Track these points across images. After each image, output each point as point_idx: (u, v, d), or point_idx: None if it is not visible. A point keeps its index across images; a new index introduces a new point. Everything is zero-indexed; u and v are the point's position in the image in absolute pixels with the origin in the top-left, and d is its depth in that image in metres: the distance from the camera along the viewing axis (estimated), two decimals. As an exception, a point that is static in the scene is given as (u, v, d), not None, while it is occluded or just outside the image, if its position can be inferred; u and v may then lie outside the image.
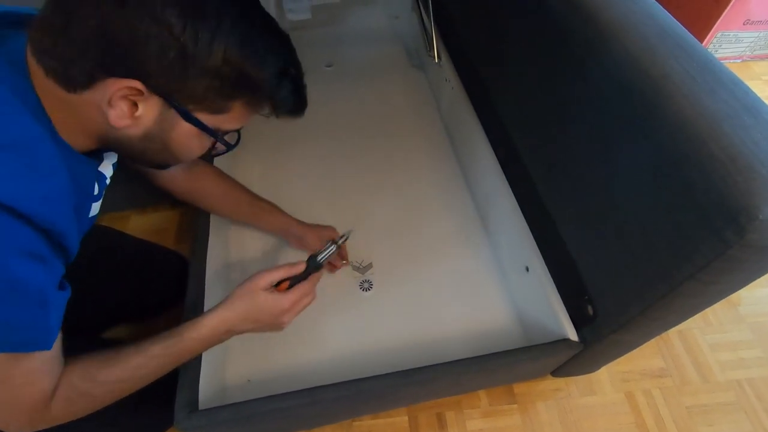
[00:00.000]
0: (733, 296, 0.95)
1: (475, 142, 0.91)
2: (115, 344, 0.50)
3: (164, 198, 1.06)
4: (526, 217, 0.77)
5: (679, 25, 0.51)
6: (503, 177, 0.83)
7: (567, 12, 0.57)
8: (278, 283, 0.59)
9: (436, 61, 1.06)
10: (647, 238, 0.50)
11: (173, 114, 0.40)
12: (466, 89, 0.98)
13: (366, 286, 0.84)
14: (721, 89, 0.44)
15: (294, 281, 0.59)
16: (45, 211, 0.38)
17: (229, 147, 0.46)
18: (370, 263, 0.86)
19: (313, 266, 0.61)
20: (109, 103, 0.38)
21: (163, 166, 0.48)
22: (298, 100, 0.45)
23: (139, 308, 0.84)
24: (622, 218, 0.54)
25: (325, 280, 0.82)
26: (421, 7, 1.13)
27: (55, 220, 0.39)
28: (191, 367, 0.62)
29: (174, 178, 0.73)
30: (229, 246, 0.86)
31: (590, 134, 0.58)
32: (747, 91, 0.44)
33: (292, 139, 1.04)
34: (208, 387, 0.64)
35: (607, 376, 0.85)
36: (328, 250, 0.63)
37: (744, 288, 0.99)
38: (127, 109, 0.39)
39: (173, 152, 0.44)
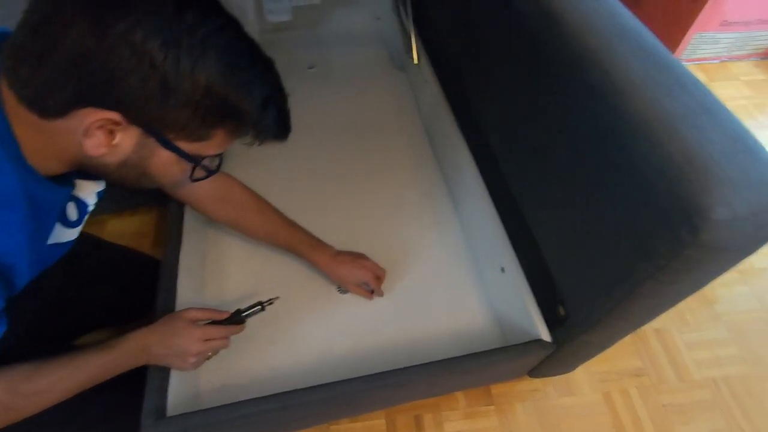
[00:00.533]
0: (710, 294, 0.97)
1: (453, 144, 0.91)
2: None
3: (142, 202, 1.06)
4: (502, 219, 0.77)
5: (642, 25, 0.52)
6: (480, 179, 0.83)
7: (533, 14, 0.58)
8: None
9: (415, 62, 1.06)
10: (612, 239, 0.50)
11: (152, 142, 0.39)
12: (444, 91, 0.98)
13: (343, 288, 0.83)
14: (679, 90, 0.44)
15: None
16: None
17: (210, 172, 0.46)
18: (349, 265, 0.86)
19: (235, 319, 0.67)
20: (86, 133, 0.37)
21: (142, 189, 0.47)
22: (282, 127, 0.44)
23: (116, 315, 0.83)
24: (589, 219, 0.54)
25: (302, 282, 0.82)
26: (401, 9, 1.13)
27: (5, 253, 0.39)
28: (159, 372, 0.61)
29: (205, 205, 0.74)
30: (206, 250, 0.85)
31: (558, 134, 0.58)
32: (705, 92, 0.44)
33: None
34: (178, 393, 0.63)
35: (584, 376, 0.85)
36: (252, 309, 0.68)
37: (721, 286, 1.00)
38: (104, 138, 0.38)
39: (152, 178, 0.44)
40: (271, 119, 0.42)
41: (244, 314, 0.68)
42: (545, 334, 0.66)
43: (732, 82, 1.41)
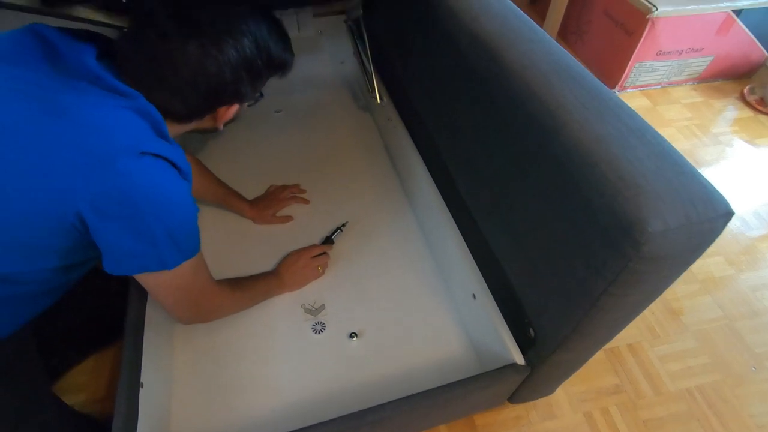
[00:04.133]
0: (676, 306, 1.00)
1: (419, 178, 0.94)
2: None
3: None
4: (470, 248, 0.79)
5: (573, 59, 0.56)
6: (447, 211, 0.85)
7: (475, 54, 0.62)
8: None
9: (378, 102, 1.10)
10: (566, 259, 0.52)
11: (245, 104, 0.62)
12: (407, 127, 1.02)
13: (318, 328, 0.82)
14: (608, 114, 0.48)
15: None
16: (184, 169, 0.54)
17: (259, 99, 0.64)
18: (323, 305, 0.85)
19: (327, 241, 0.93)
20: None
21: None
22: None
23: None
24: (545, 241, 0.56)
25: (276, 326, 0.81)
26: (361, 52, 1.18)
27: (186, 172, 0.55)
28: (124, 423, 0.58)
29: None
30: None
31: (509, 163, 0.61)
32: (633, 115, 0.48)
33: (245, 181, 1.03)
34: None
35: (565, 398, 0.85)
36: (335, 232, 0.95)
37: (685, 298, 1.02)
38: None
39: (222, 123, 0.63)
40: (290, 58, 0.62)
41: (331, 236, 0.94)
42: (519, 358, 0.67)
43: (674, 105, 1.51)
